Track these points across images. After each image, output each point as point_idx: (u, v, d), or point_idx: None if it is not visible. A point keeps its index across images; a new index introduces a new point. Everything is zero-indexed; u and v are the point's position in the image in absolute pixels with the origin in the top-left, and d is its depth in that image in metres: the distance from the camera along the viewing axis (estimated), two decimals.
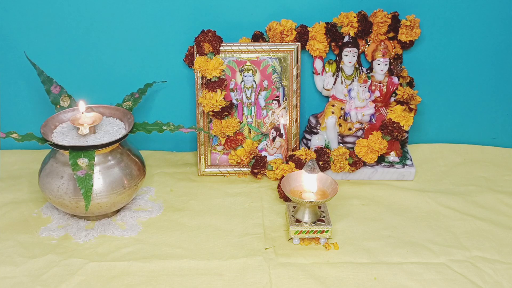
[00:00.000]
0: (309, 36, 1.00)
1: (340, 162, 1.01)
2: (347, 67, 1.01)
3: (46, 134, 0.88)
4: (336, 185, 0.87)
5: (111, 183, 0.87)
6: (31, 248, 0.85)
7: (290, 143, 1.05)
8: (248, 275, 0.80)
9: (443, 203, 0.97)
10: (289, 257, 0.84)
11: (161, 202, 0.97)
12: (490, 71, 1.07)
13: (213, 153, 1.05)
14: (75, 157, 0.83)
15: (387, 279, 0.80)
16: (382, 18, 0.99)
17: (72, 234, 0.88)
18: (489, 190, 1.00)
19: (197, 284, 0.79)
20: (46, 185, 0.87)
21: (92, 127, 0.88)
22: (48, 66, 0.98)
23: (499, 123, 1.12)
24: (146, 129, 0.92)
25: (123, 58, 1.04)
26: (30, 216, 0.93)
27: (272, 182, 1.03)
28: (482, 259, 0.83)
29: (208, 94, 0.98)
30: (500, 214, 0.94)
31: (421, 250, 0.85)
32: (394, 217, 0.93)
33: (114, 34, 1.02)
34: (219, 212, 0.94)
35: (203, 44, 0.98)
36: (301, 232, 0.86)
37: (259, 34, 1.01)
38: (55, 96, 0.96)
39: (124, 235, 0.88)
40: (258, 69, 1.01)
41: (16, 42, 1.02)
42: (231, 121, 1.01)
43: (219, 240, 0.87)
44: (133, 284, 0.78)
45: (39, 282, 0.78)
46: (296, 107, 1.03)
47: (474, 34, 1.04)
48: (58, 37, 1.02)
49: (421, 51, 1.04)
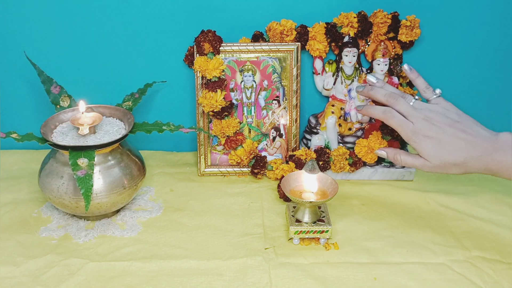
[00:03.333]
0: (309, 36, 1.00)
1: (340, 162, 1.01)
2: (347, 67, 1.01)
3: (46, 134, 0.88)
4: (336, 185, 0.87)
5: (111, 183, 0.87)
6: (31, 248, 0.85)
7: (290, 143, 1.05)
8: (248, 275, 0.80)
9: (443, 203, 0.97)
10: (289, 257, 0.84)
11: (161, 202, 0.97)
12: (490, 71, 1.07)
13: (213, 153, 1.06)
14: (75, 157, 0.83)
15: (387, 279, 0.80)
16: (382, 18, 0.99)
17: (72, 234, 0.88)
18: (489, 190, 1.00)
19: (197, 284, 0.79)
20: (46, 185, 0.87)
21: (92, 127, 0.88)
22: (48, 66, 0.98)
23: (499, 123, 1.12)
24: (146, 129, 0.92)
25: (123, 58, 1.04)
26: (30, 216, 0.93)
27: (272, 182, 1.03)
28: (482, 259, 0.83)
29: (208, 94, 0.98)
30: (500, 214, 0.94)
31: (421, 250, 0.85)
32: (394, 217, 0.93)
33: (114, 34, 1.02)
34: (219, 212, 0.94)
35: (203, 44, 0.98)
36: (301, 232, 0.86)
37: (259, 34, 1.01)
38: (55, 96, 0.96)
39: (124, 235, 0.88)
40: (258, 69, 1.01)
41: (16, 42, 1.02)
42: (231, 121, 1.01)
43: (219, 240, 0.87)
44: (133, 284, 0.78)
45: (39, 282, 0.78)
46: (296, 107, 1.03)
47: (474, 34, 1.04)
48: (58, 37, 1.02)
49: (421, 51, 1.04)
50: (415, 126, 0.85)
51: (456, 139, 0.83)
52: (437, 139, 0.83)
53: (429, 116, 0.85)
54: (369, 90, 0.91)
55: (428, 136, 0.84)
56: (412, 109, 0.86)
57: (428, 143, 0.84)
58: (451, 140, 0.83)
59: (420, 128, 0.84)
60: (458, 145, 0.82)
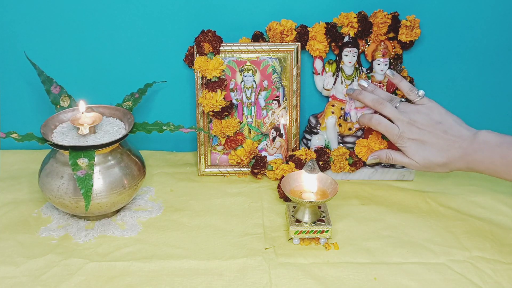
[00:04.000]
0: (309, 36, 1.00)
1: (340, 162, 1.01)
2: (347, 67, 1.01)
3: (46, 134, 0.88)
4: (336, 185, 0.87)
5: (111, 183, 0.87)
6: (31, 248, 0.85)
7: (290, 143, 1.05)
8: (248, 275, 0.80)
9: (443, 203, 0.97)
10: (289, 257, 0.84)
11: (161, 202, 0.97)
12: (490, 72, 1.07)
13: (213, 153, 1.06)
14: (75, 157, 0.83)
15: (387, 279, 0.80)
16: (382, 18, 0.99)
17: (72, 234, 0.88)
18: (489, 190, 1.00)
19: (197, 284, 0.79)
20: (46, 185, 0.87)
21: (92, 127, 0.88)
22: (48, 66, 0.98)
23: (499, 123, 1.12)
24: (146, 129, 0.92)
25: (123, 58, 1.04)
26: (30, 216, 0.93)
27: (272, 182, 1.03)
28: (482, 259, 0.83)
29: (208, 94, 0.98)
30: (500, 214, 0.94)
31: (421, 250, 0.85)
32: (394, 217, 0.93)
33: (114, 34, 1.02)
34: (219, 212, 0.94)
35: (203, 44, 0.98)
36: (301, 232, 0.86)
37: (259, 34, 1.01)
38: (55, 96, 0.96)
39: (124, 235, 0.88)
40: (258, 69, 1.01)
41: (16, 42, 1.02)
42: (231, 121, 1.01)
43: (219, 240, 0.87)
44: (133, 284, 0.78)
45: (39, 282, 0.78)
46: (296, 107, 1.03)
47: (474, 34, 1.04)
48: (58, 37, 1.02)
49: (421, 51, 1.04)
50: (400, 130, 0.91)
51: (438, 140, 0.88)
52: (420, 141, 0.90)
53: (413, 119, 0.90)
54: (358, 94, 0.97)
55: (412, 139, 0.90)
56: (398, 113, 0.92)
57: (412, 145, 0.90)
58: (433, 141, 0.89)
59: (405, 132, 0.90)
60: (440, 146, 0.88)
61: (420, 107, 0.92)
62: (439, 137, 0.88)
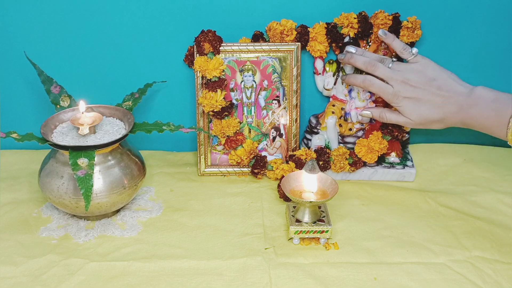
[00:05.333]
0: (310, 37, 1.00)
1: (340, 162, 1.01)
2: (347, 67, 1.01)
3: (46, 134, 0.88)
4: (336, 185, 0.87)
5: (111, 183, 0.87)
6: (31, 248, 0.85)
7: (290, 143, 1.05)
8: (248, 275, 0.80)
9: (443, 203, 0.97)
10: (289, 257, 0.84)
11: (161, 202, 0.97)
12: (490, 72, 1.07)
13: (213, 153, 1.06)
14: (75, 157, 0.83)
15: (387, 279, 0.80)
16: (383, 19, 0.99)
17: (72, 234, 0.88)
18: (489, 190, 1.00)
19: (197, 284, 0.79)
20: (46, 185, 0.87)
21: (92, 127, 0.88)
22: (48, 66, 0.98)
23: None
24: (146, 129, 0.92)
25: (123, 58, 1.04)
26: (30, 216, 0.93)
27: (272, 182, 1.03)
28: (482, 259, 0.83)
29: (208, 94, 0.98)
30: (500, 214, 0.94)
31: (421, 250, 0.85)
32: (394, 217, 0.93)
33: (114, 34, 1.02)
34: (219, 212, 0.94)
35: (203, 44, 0.98)
36: (301, 232, 0.86)
37: (259, 34, 1.01)
38: (55, 96, 0.96)
39: (124, 235, 0.88)
40: (258, 69, 1.01)
41: (16, 42, 1.02)
42: (231, 121, 1.01)
43: (219, 240, 0.87)
44: (133, 284, 0.78)
45: (39, 282, 0.78)
46: (296, 107, 1.03)
47: (476, 35, 1.04)
48: (58, 37, 1.02)
49: (422, 52, 1.04)
50: (395, 89, 0.91)
51: (433, 97, 0.89)
52: (415, 99, 0.90)
53: (407, 77, 0.91)
54: (349, 58, 0.96)
55: (407, 97, 0.91)
56: (391, 73, 0.92)
57: (408, 103, 0.91)
58: (428, 98, 0.89)
59: (400, 90, 0.91)
60: (435, 102, 0.89)
61: (414, 65, 0.92)
62: (434, 94, 0.89)
